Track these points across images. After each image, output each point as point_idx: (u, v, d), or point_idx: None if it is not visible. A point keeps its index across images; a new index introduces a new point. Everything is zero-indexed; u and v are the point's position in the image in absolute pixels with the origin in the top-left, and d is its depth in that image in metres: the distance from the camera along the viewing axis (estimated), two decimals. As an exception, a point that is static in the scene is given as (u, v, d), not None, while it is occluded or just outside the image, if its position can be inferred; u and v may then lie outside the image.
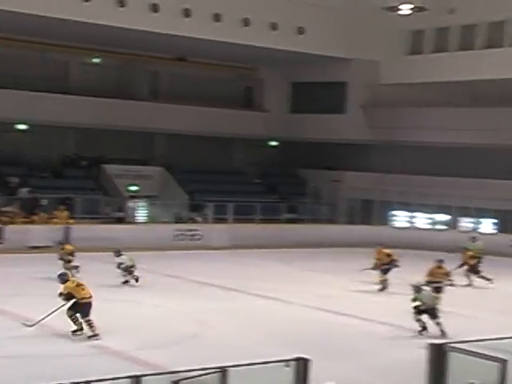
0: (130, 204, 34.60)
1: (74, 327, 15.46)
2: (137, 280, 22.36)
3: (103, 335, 15.45)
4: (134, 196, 35.26)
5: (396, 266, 23.16)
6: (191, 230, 33.48)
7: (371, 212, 37.10)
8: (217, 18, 33.25)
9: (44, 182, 33.82)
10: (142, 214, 34.93)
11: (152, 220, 34.43)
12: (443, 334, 16.39)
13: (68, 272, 21.65)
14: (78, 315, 15.48)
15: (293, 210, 37.55)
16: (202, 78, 39.23)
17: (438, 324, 16.70)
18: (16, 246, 28.66)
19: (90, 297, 15.66)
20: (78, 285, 15.75)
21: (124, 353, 14.14)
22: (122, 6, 31.05)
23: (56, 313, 15.60)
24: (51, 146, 35.95)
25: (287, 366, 9.29)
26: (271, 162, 40.82)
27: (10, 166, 34.11)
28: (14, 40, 33.57)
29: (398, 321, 17.09)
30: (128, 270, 22.35)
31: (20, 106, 33.46)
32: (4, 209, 30.51)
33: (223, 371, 8.78)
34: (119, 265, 22.38)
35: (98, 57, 37.12)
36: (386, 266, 23.09)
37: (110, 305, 19.01)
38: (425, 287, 17.56)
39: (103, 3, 30.63)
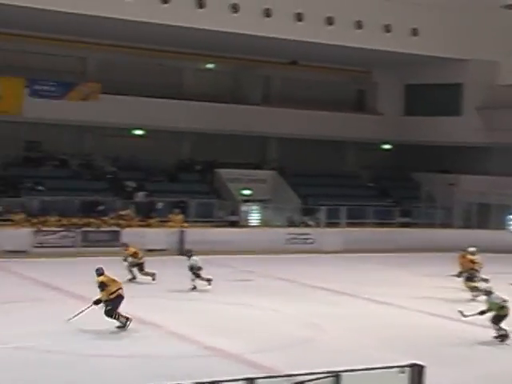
0: (243, 208, 34.89)
1: (118, 323, 15.87)
2: (209, 282, 21.54)
3: (218, 337, 15.56)
4: (247, 200, 35.56)
5: (475, 274, 21.93)
6: (304, 234, 33.48)
7: (488, 216, 36.14)
8: (329, 21, 33.14)
9: (159, 186, 34.53)
10: (254, 218, 35.19)
11: (265, 224, 34.62)
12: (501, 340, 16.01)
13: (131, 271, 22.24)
14: (118, 311, 15.88)
15: (406, 213, 36.99)
16: (313, 82, 39.22)
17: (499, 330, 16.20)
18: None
19: (120, 289, 16.15)
20: (110, 279, 16.31)
21: (238, 355, 14.22)
22: (236, 11, 31.37)
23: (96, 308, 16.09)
24: (166, 151, 36.72)
25: (402, 372, 9.12)
26: (384, 166, 40.37)
27: (127, 171, 35.05)
28: (131, 48, 34.46)
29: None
30: (195, 271, 21.53)
31: (136, 112, 34.29)
32: (121, 212, 31.31)
33: (336, 376, 8.70)
34: (191, 268, 21.64)
35: (211, 62, 37.64)
36: (466, 272, 22.08)
37: (224, 307, 19.22)
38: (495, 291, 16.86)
39: (217, 10, 31.02)
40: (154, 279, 22.60)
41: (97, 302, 16.16)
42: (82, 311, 16.00)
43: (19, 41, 32.62)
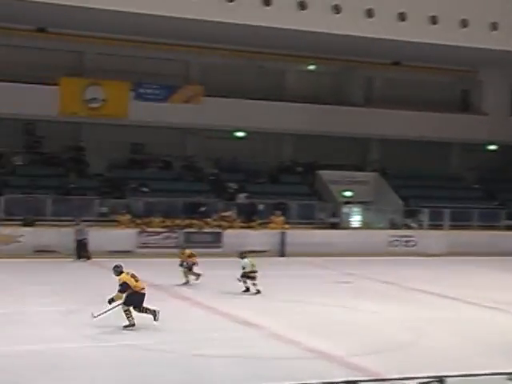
0: (345, 209, 34.70)
1: (127, 322, 15.60)
2: (258, 292, 20.57)
3: (319, 339, 15.46)
4: (349, 201, 35.34)
5: None
6: (406, 236, 33.04)
7: None
8: (433, 20, 32.56)
9: (261, 187, 34.70)
10: (356, 220, 34.94)
11: (366, 226, 34.34)
12: None
13: (185, 273, 21.59)
14: (131, 309, 15.66)
15: (513, 216, 36.05)
16: (416, 82, 38.68)
17: None
18: (234, 250, 29.52)
19: (143, 288, 15.88)
20: (133, 276, 15.92)
21: (339, 357, 14.08)
22: (338, 12, 31.22)
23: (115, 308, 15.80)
24: (267, 153, 36.92)
25: (510, 379, 8.82)
26: (490, 167, 39.43)
27: (229, 173, 35.36)
28: (233, 50, 34.76)
29: None
30: (246, 275, 20.76)
31: (238, 114, 34.57)
32: (223, 214, 31.58)
33: (440, 381, 8.48)
34: (243, 268, 20.92)
35: (313, 64, 37.57)
36: None
37: (324, 309, 19.11)
38: None
39: (319, 11, 30.93)
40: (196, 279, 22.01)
41: (123, 301, 15.76)
42: (108, 310, 15.82)
43: (125, 46, 33.40)
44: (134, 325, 15.71)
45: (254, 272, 20.83)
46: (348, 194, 35.76)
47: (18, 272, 24.13)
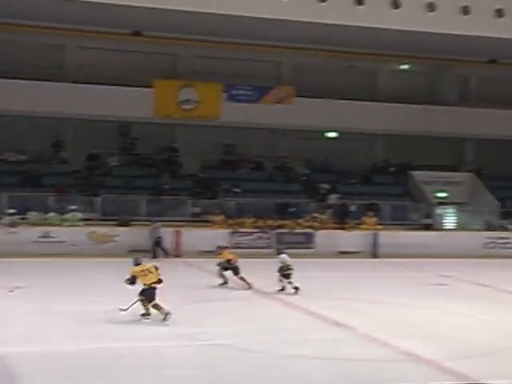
0: (438, 211, 34.16)
1: (143, 311, 16.08)
2: (296, 289, 20.11)
3: (412, 342, 15.23)
4: (443, 202, 34.78)
5: None
6: (502, 238, 32.29)
7: None
8: (531, 16, 31.69)
9: (353, 188, 34.50)
10: (450, 221, 34.37)
11: (461, 227, 33.71)
12: None
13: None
14: (149, 305, 16.00)
15: None
16: (513, 80, 37.76)
17: None
18: (326, 251, 29.48)
19: (155, 282, 16.07)
20: (143, 270, 16.16)
21: (433, 361, 13.83)
22: (432, 10, 30.71)
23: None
24: (360, 153, 36.65)
25: None
26: None
27: (321, 173, 35.28)
28: (324, 51, 34.59)
29: None
30: (283, 272, 20.28)
31: (330, 115, 34.41)
32: (315, 214, 31.51)
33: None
34: (282, 263, 20.37)
35: (406, 63, 37.07)
36: None
37: (418, 312, 18.84)
38: None
39: (413, 9, 30.49)
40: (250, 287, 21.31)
41: (140, 293, 16.19)
42: (134, 303, 16.18)
43: (217, 47, 33.68)
44: (149, 314, 16.05)
45: (290, 269, 20.35)
46: (442, 194, 35.19)
47: (115, 271, 24.54)
